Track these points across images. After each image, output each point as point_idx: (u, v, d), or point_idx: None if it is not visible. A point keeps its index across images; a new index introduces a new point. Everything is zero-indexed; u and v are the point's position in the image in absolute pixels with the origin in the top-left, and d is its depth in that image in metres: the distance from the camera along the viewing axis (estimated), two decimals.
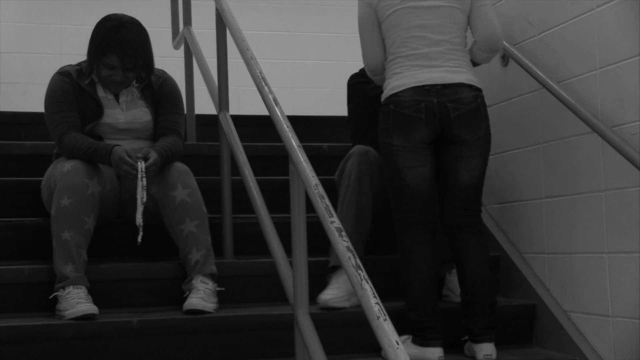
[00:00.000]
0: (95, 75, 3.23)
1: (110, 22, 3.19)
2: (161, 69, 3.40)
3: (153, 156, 3.09)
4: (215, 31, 3.56)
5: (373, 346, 2.88)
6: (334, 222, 2.25)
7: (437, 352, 2.96)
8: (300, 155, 2.49)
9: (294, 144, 2.53)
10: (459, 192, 3.06)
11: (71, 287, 2.92)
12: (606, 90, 3.05)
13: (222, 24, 3.50)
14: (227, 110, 3.52)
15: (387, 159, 3.04)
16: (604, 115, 3.04)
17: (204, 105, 4.26)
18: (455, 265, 3.14)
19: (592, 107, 3.08)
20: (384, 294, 2.40)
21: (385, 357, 2.93)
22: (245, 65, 3.00)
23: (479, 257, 3.06)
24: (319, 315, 3.00)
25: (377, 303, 1.98)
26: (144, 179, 3.04)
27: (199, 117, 4.34)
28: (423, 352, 2.96)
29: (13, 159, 3.73)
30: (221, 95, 3.54)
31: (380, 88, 3.16)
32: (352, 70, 3.73)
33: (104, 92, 3.26)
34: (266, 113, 2.79)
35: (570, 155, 3.24)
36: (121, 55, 3.15)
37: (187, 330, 2.91)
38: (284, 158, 2.72)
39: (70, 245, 2.96)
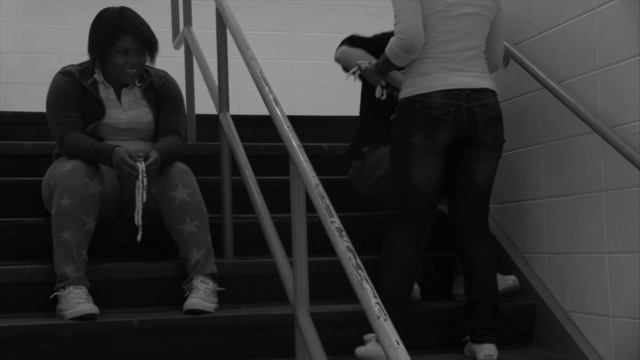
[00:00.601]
0: (100, 73, 3.23)
1: (109, 10, 3.24)
2: (163, 70, 3.40)
3: (154, 155, 3.09)
4: (215, 31, 3.56)
5: None
6: (334, 222, 2.24)
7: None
8: (301, 155, 2.48)
9: (294, 144, 2.53)
10: (473, 193, 3.08)
11: (71, 287, 2.92)
12: (606, 90, 3.05)
13: (222, 23, 3.50)
14: (228, 110, 3.52)
15: (397, 154, 3.04)
16: (604, 115, 3.04)
17: (204, 105, 4.26)
18: (462, 265, 3.14)
19: (592, 107, 3.08)
20: None
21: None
22: (246, 65, 3.01)
23: (488, 259, 3.07)
24: (319, 315, 2.99)
25: (377, 303, 1.98)
26: (144, 179, 3.04)
27: (199, 117, 4.34)
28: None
29: (13, 159, 3.73)
30: (221, 95, 3.54)
31: (391, 89, 3.15)
32: None
33: (106, 93, 3.26)
34: (266, 113, 2.79)
35: (570, 155, 3.24)
36: (134, 33, 3.17)
37: (188, 330, 2.91)
38: (284, 158, 2.72)
39: (70, 245, 2.96)
